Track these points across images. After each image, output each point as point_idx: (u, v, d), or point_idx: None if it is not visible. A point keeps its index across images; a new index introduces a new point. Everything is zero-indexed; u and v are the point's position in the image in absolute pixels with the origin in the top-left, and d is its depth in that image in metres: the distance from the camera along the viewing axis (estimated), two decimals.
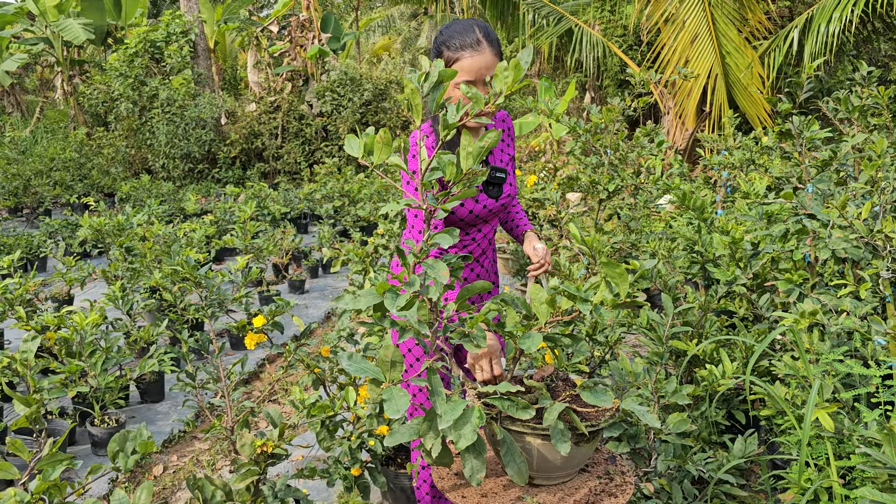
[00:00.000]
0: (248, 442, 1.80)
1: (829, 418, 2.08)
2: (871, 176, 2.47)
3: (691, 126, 9.06)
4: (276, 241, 6.66)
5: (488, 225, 2.26)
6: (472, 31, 1.98)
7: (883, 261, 2.37)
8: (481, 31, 1.98)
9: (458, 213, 2.14)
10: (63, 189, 11.01)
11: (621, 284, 1.39)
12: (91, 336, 3.65)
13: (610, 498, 1.68)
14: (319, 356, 2.95)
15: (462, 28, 2.00)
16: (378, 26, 24.92)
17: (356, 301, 1.40)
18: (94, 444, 3.57)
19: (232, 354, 4.98)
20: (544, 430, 1.54)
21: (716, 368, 2.77)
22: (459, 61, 1.97)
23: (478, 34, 1.97)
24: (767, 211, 3.22)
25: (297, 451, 3.57)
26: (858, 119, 3.54)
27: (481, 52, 1.96)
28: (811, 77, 3.22)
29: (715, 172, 5.58)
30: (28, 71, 19.11)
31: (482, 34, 1.98)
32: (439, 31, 2.06)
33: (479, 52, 1.96)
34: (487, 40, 1.98)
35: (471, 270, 2.29)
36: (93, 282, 6.81)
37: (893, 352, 2.26)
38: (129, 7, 14.40)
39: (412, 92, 1.38)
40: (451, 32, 2.00)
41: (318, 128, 12.87)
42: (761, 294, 3.16)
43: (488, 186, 2.17)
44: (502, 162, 2.23)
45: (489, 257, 2.36)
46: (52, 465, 1.66)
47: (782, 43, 8.51)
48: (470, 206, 2.14)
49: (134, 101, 12.47)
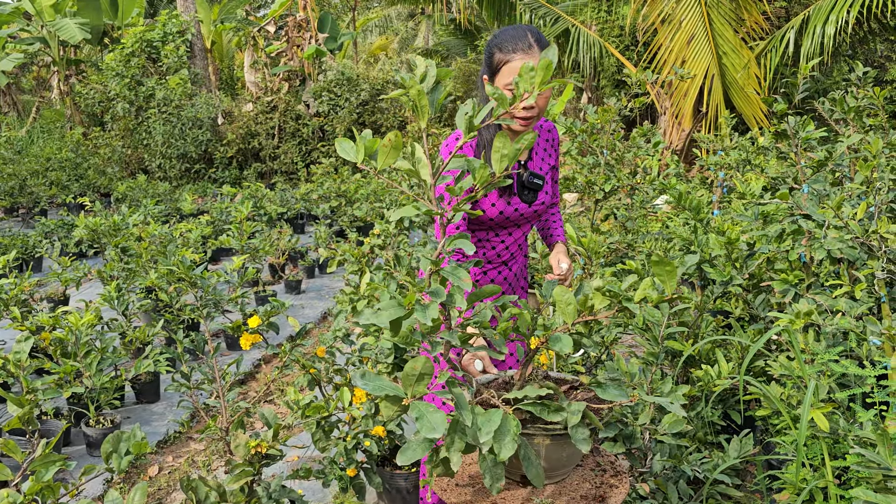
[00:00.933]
0: (242, 443, 1.80)
1: (825, 418, 2.08)
2: (867, 176, 2.47)
3: (688, 126, 9.07)
4: (273, 242, 6.65)
5: (520, 230, 2.27)
6: (524, 35, 2.03)
7: (878, 261, 2.37)
8: (533, 36, 2.03)
9: (489, 212, 2.17)
10: (59, 189, 10.98)
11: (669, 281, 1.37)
12: (86, 336, 3.63)
13: (612, 489, 1.68)
14: (315, 356, 2.94)
15: (515, 32, 2.05)
16: (375, 26, 24.90)
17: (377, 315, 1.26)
18: (89, 445, 3.56)
19: (228, 355, 4.97)
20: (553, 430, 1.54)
21: (711, 369, 2.77)
22: (510, 63, 2.00)
23: (530, 38, 2.02)
24: (763, 211, 3.22)
25: (292, 452, 3.57)
26: (854, 119, 3.55)
27: (533, 55, 2.00)
28: (807, 78, 3.22)
29: (711, 173, 5.58)
30: (24, 71, 19.08)
31: (534, 39, 2.03)
32: (493, 35, 2.11)
33: (530, 55, 2.00)
34: (539, 45, 2.02)
35: (498, 273, 2.31)
36: (88, 282, 6.79)
37: (888, 352, 2.26)
38: (126, 7, 14.37)
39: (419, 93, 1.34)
40: (505, 36, 2.05)
41: (314, 128, 12.86)
42: (757, 294, 3.16)
43: (523, 191, 2.18)
44: (541, 169, 2.25)
45: (519, 262, 2.37)
46: (46, 466, 1.65)
47: (779, 43, 8.52)
48: (501, 208, 2.17)
49: (130, 101, 12.44)
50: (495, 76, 2.06)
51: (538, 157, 2.25)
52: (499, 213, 2.17)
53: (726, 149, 5.64)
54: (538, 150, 2.26)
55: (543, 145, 2.28)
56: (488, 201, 2.16)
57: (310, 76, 13.41)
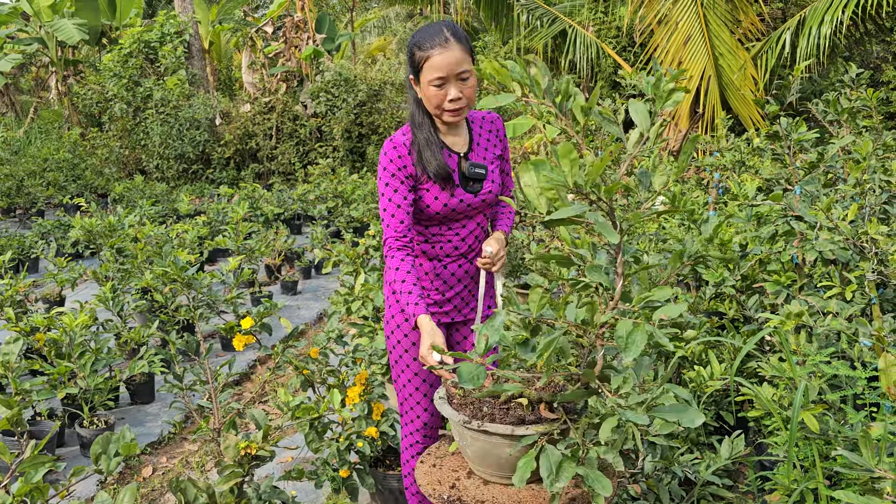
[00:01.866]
0: (231, 444, 1.80)
1: (815, 420, 2.09)
2: (857, 178, 2.47)
3: (684, 127, 9.08)
4: (269, 242, 6.65)
5: (473, 221, 2.29)
6: (440, 31, 2.08)
7: (869, 263, 2.37)
8: (448, 30, 2.08)
9: (433, 206, 2.20)
10: (56, 190, 10.97)
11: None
12: (81, 337, 3.63)
13: None
14: (308, 358, 2.95)
15: (431, 29, 2.10)
16: (373, 27, 24.90)
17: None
18: (82, 446, 3.56)
19: (223, 356, 4.97)
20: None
21: (704, 370, 2.77)
22: (430, 59, 2.05)
23: (445, 33, 2.07)
24: (757, 212, 3.23)
25: (285, 453, 3.57)
26: (848, 121, 3.55)
27: (450, 49, 2.05)
28: (801, 79, 3.22)
29: (707, 174, 5.59)
30: (22, 71, 19.06)
31: (449, 32, 2.08)
32: (411, 37, 2.16)
33: (448, 48, 2.05)
34: (455, 38, 2.07)
35: (458, 266, 2.31)
36: (84, 283, 6.79)
37: (879, 353, 2.26)
38: (124, 7, 14.37)
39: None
40: (422, 34, 2.10)
41: (312, 128, 12.86)
42: (750, 295, 3.16)
43: (467, 182, 2.23)
44: (485, 159, 2.27)
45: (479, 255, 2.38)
46: (35, 467, 1.65)
47: (775, 45, 8.53)
48: (444, 200, 2.19)
49: (128, 102, 12.44)
50: (419, 75, 2.11)
51: (480, 147, 2.29)
52: (443, 206, 2.20)
53: (722, 150, 5.65)
54: (480, 141, 2.29)
55: (486, 136, 2.32)
56: (431, 195, 2.19)
57: (307, 77, 13.41)
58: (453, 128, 2.24)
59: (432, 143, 2.16)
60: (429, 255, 2.30)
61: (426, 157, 2.15)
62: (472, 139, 2.28)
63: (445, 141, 2.23)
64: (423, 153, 2.15)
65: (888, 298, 2.93)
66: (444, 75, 2.05)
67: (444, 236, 2.27)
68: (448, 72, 2.04)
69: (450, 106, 2.09)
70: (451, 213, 2.23)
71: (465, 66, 2.07)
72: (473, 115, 2.33)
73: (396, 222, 2.15)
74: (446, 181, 2.18)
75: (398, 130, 2.24)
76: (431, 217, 2.23)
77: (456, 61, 2.04)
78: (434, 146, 2.16)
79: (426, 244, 2.30)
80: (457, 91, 2.07)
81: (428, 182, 2.18)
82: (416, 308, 2.04)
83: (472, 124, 2.30)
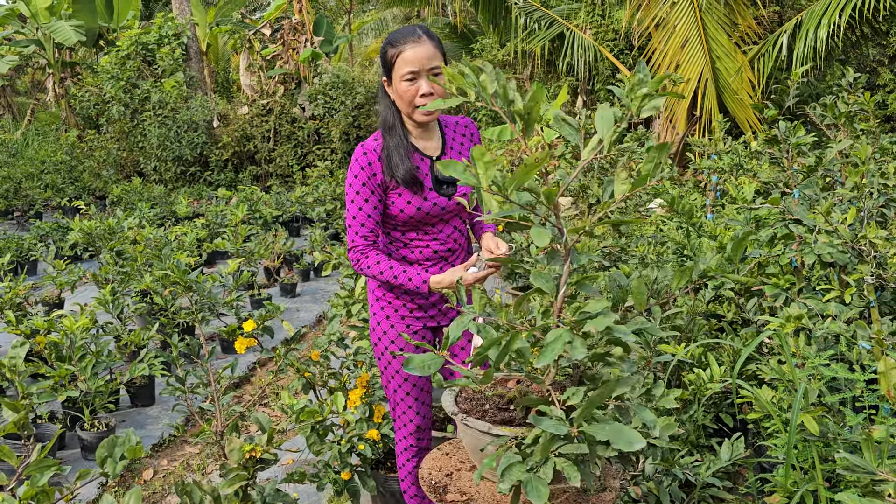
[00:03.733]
0: (236, 447, 1.81)
1: (815, 422, 2.10)
2: (856, 182, 2.49)
3: (682, 130, 9.10)
4: (268, 245, 6.66)
5: (449, 225, 2.31)
6: (413, 30, 2.15)
7: (867, 266, 2.39)
8: (421, 29, 2.15)
9: (406, 210, 2.21)
10: (54, 192, 10.96)
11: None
12: (81, 340, 3.64)
13: (600, 493, 1.70)
14: (309, 360, 2.96)
15: (404, 30, 2.17)
16: (371, 29, 24.90)
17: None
18: (83, 449, 3.56)
19: (223, 358, 4.98)
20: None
21: (703, 372, 2.79)
22: (402, 54, 2.10)
23: (418, 31, 2.14)
24: (755, 215, 3.24)
25: (287, 456, 3.57)
26: (845, 125, 3.58)
27: (421, 44, 2.10)
28: (799, 83, 3.25)
29: (705, 176, 5.61)
30: (19, 73, 19.05)
31: (422, 31, 2.14)
32: (385, 38, 2.22)
33: (420, 43, 2.10)
34: (427, 35, 2.13)
35: (440, 270, 2.31)
36: (83, 285, 6.78)
37: (878, 356, 2.28)
38: (121, 9, 14.36)
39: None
40: (395, 34, 2.17)
41: (310, 131, 12.87)
42: (749, 298, 3.18)
43: (440, 185, 2.24)
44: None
45: (461, 257, 2.41)
46: (40, 471, 1.66)
47: (772, 48, 8.56)
48: (418, 204, 2.21)
49: (126, 104, 12.43)
50: (392, 72, 2.14)
51: (454, 150, 2.30)
52: (417, 210, 2.21)
53: (719, 153, 5.67)
54: (453, 144, 2.31)
55: (459, 139, 2.33)
56: (403, 200, 2.20)
57: (305, 79, 13.42)
58: (425, 131, 2.26)
59: (401, 147, 2.19)
60: (409, 261, 2.31)
61: (394, 161, 2.17)
62: (445, 143, 2.30)
63: (417, 145, 2.25)
64: (392, 158, 2.17)
65: (886, 301, 2.95)
66: (416, 69, 2.08)
67: (423, 241, 2.29)
68: (420, 66, 2.08)
69: (421, 101, 2.11)
70: (425, 217, 2.24)
71: (437, 62, 2.11)
72: (446, 119, 2.35)
73: (366, 231, 2.19)
74: (416, 185, 2.19)
75: (371, 136, 2.26)
76: (406, 222, 2.24)
77: (427, 56, 2.09)
78: (403, 150, 2.18)
79: (405, 249, 2.30)
80: (428, 86, 2.10)
81: (399, 187, 2.19)
82: (419, 276, 2.11)
83: (444, 128, 2.32)
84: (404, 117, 2.23)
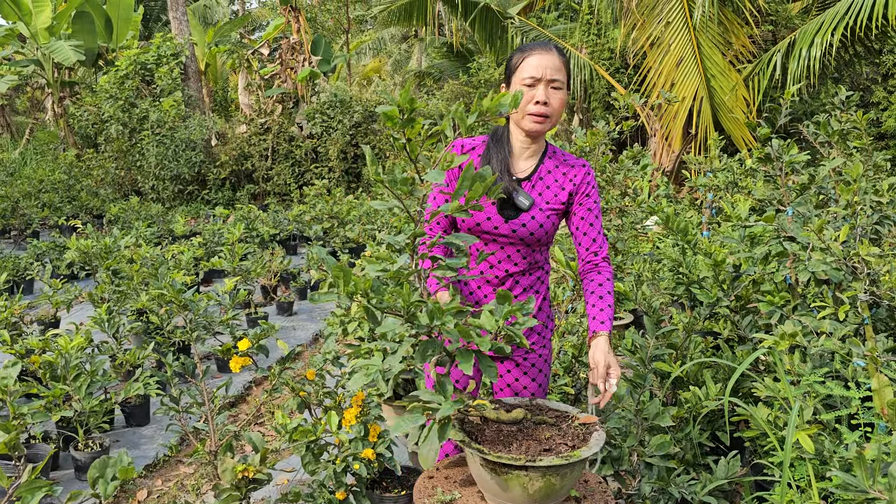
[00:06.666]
0: (229, 467, 1.80)
1: (810, 440, 2.10)
2: (848, 200, 2.51)
3: (678, 148, 9.15)
4: (265, 263, 6.66)
5: (502, 251, 2.14)
6: (546, 41, 2.12)
7: (861, 283, 2.40)
8: (553, 44, 2.12)
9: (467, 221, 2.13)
10: (51, 211, 10.97)
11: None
12: (76, 359, 3.62)
13: None
14: (305, 379, 2.95)
15: (536, 42, 2.15)
16: (369, 49, 25.09)
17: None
18: (77, 469, 3.53)
19: (219, 377, 4.96)
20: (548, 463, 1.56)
21: (699, 390, 2.78)
22: (528, 58, 2.07)
23: (550, 44, 2.11)
24: (750, 233, 3.26)
25: (281, 475, 3.55)
26: (838, 142, 3.60)
27: (549, 53, 2.07)
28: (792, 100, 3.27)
29: (700, 194, 5.63)
30: (18, 92, 19.11)
31: (553, 45, 2.11)
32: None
33: (548, 52, 2.07)
34: (557, 49, 2.10)
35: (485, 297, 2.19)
36: (79, 304, 6.77)
37: (872, 373, 2.28)
38: (120, 29, 14.46)
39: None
40: (526, 45, 2.14)
41: (308, 149, 12.92)
42: (745, 315, 3.18)
43: (504, 205, 2.11)
44: (541, 195, 2.13)
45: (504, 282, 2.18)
46: (31, 492, 1.65)
47: (766, 66, 8.63)
48: (476, 218, 2.11)
49: (124, 123, 12.48)
50: (513, 76, 2.09)
51: (542, 182, 2.14)
52: (475, 224, 2.12)
53: (715, 170, 5.70)
54: (545, 176, 2.15)
55: (556, 175, 2.15)
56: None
57: (303, 98, 13.49)
58: (526, 149, 2.15)
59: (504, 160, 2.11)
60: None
61: (493, 167, 2.10)
62: (537, 170, 2.15)
63: (511, 161, 2.15)
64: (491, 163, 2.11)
65: (881, 318, 2.96)
66: (537, 76, 2.03)
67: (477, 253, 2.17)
68: (542, 73, 2.03)
69: (534, 109, 2.04)
70: (475, 228, 2.13)
71: (560, 76, 2.05)
72: (559, 152, 2.20)
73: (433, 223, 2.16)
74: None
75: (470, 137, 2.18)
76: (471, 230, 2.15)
77: (552, 66, 2.04)
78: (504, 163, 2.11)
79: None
80: (544, 95, 2.03)
81: None
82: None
83: (546, 158, 2.18)
84: (512, 126, 2.15)
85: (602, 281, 2.13)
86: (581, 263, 2.19)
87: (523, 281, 2.19)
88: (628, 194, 4.74)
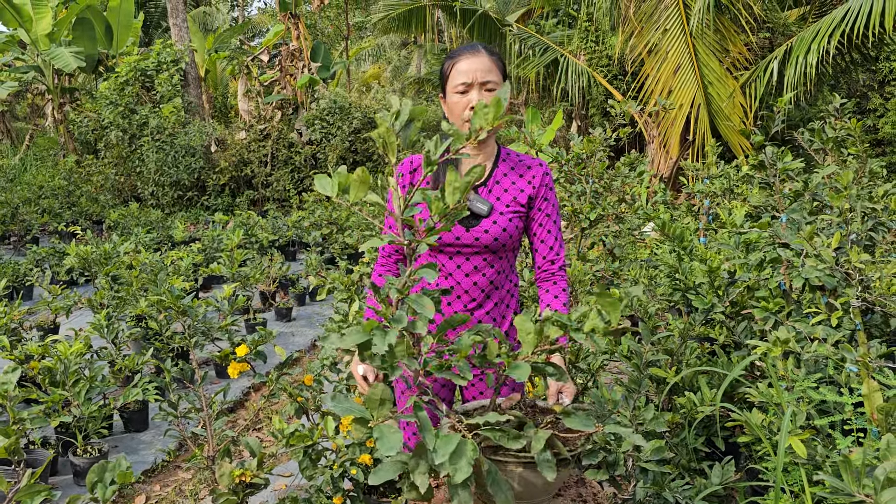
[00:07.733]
0: (226, 472, 1.82)
1: (802, 445, 2.12)
2: (839, 207, 2.53)
3: (675, 154, 9.19)
4: (264, 269, 6.68)
5: (469, 262, 2.07)
6: (474, 44, 2.07)
7: (853, 289, 2.42)
8: (481, 44, 2.08)
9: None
10: (51, 217, 10.99)
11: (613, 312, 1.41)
12: (75, 365, 3.64)
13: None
14: (303, 385, 2.96)
15: (465, 46, 2.09)
16: (368, 55, 25.19)
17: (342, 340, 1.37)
18: (76, 475, 3.55)
19: (218, 383, 4.97)
20: (527, 458, 1.56)
21: (694, 396, 2.80)
22: (456, 64, 2.03)
23: (478, 46, 2.06)
24: (746, 239, 3.28)
25: (279, 481, 3.56)
26: (833, 150, 3.63)
27: (478, 56, 2.02)
28: (789, 107, 3.30)
29: (697, 200, 5.66)
30: (18, 98, 19.16)
31: (482, 46, 2.07)
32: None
33: (476, 55, 2.02)
34: (486, 50, 2.05)
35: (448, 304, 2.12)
36: (79, 310, 6.78)
37: (865, 378, 2.30)
38: (121, 36, 14.52)
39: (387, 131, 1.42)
40: (455, 49, 2.10)
41: (307, 156, 12.96)
42: (740, 321, 3.21)
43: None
44: (499, 199, 2.07)
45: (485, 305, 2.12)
46: (30, 497, 1.67)
47: (763, 73, 8.68)
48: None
49: (124, 129, 12.52)
50: (447, 84, 2.05)
51: (499, 186, 2.08)
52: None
53: (712, 177, 5.73)
54: (501, 179, 2.09)
55: (512, 177, 2.10)
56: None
57: (302, 104, 13.53)
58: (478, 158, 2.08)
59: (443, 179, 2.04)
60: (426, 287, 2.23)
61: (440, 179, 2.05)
62: (492, 175, 2.09)
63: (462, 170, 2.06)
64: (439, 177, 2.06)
65: (874, 324, 2.98)
66: (468, 81, 1.98)
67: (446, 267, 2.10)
68: (473, 78, 1.98)
69: (469, 115, 1.97)
70: (438, 241, 2.04)
71: (492, 77, 1.99)
72: (513, 154, 2.14)
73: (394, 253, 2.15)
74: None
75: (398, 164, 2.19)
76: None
77: (482, 69, 1.99)
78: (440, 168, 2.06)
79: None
80: (479, 99, 1.97)
81: None
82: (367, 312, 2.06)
83: (500, 161, 2.11)
84: None
85: (557, 292, 2.08)
86: (537, 272, 2.14)
87: (494, 296, 2.13)
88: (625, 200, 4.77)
